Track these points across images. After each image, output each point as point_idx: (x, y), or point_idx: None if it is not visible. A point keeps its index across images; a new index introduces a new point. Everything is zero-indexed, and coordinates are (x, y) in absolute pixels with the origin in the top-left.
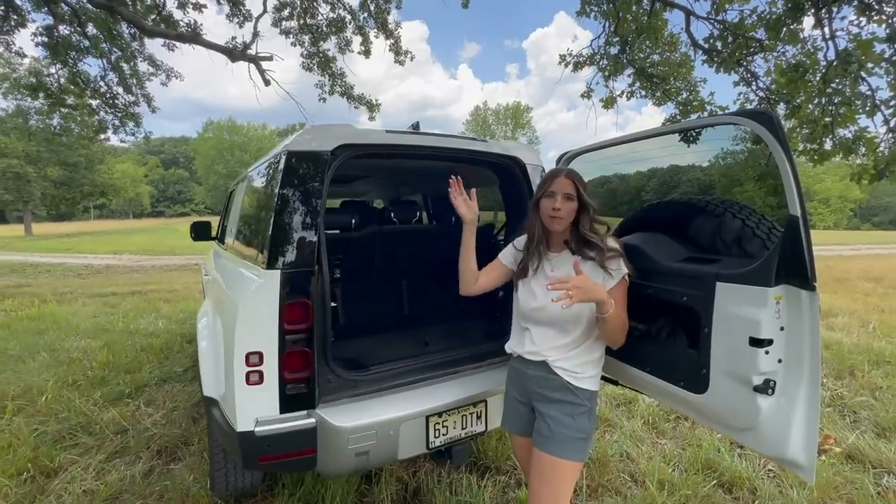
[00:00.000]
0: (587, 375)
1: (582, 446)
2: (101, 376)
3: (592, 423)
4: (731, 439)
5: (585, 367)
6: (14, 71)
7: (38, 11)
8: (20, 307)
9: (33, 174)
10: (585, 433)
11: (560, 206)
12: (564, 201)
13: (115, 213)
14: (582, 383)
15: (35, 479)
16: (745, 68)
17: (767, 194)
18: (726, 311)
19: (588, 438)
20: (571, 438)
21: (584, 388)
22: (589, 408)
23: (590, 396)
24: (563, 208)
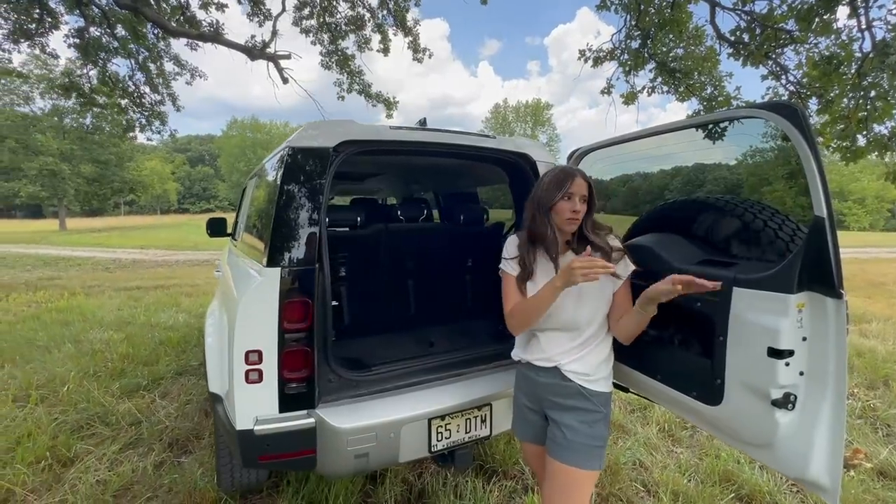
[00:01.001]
0: (600, 376)
1: (598, 454)
2: (120, 368)
3: (608, 430)
4: None
5: (598, 368)
6: (50, 72)
7: (70, 13)
8: (50, 299)
9: (67, 171)
10: (602, 440)
11: (579, 208)
12: (582, 203)
13: (143, 208)
14: (596, 385)
15: (52, 467)
16: (775, 61)
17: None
18: (743, 319)
19: (604, 446)
20: (588, 447)
21: (599, 391)
22: (605, 414)
23: (604, 401)
24: (581, 211)
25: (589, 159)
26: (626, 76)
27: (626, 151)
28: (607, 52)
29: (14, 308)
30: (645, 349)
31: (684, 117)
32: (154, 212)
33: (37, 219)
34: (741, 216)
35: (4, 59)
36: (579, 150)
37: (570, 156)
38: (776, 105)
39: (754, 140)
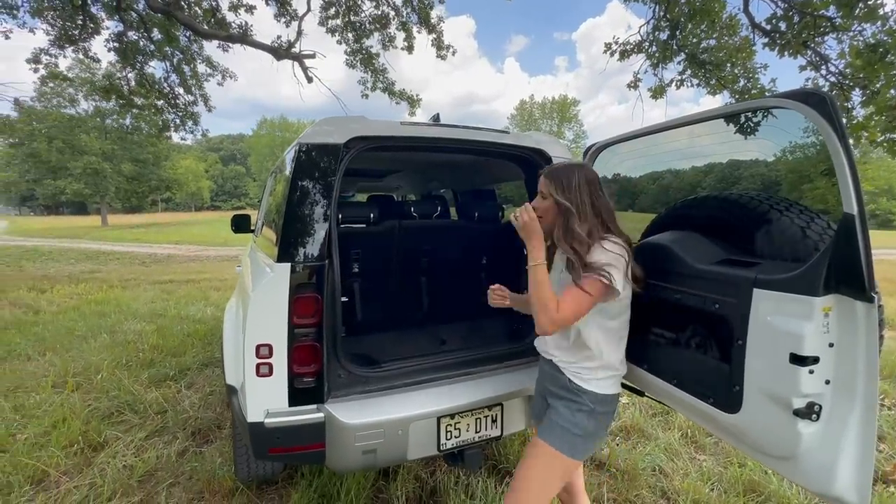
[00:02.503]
0: (594, 378)
1: (572, 441)
2: (150, 358)
3: (595, 425)
4: None
5: (591, 370)
6: (93, 75)
7: (111, 19)
8: (90, 291)
9: (109, 170)
10: (581, 430)
11: (536, 204)
12: (539, 200)
13: (179, 205)
14: (589, 385)
15: (84, 451)
16: (814, 51)
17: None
18: (764, 322)
19: (584, 436)
20: (562, 428)
21: (591, 391)
22: (593, 410)
23: (597, 400)
24: (539, 207)
25: (618, 156)
26: (654, 69)
27: (655, 148)
28: (634, 45)
29: (57, 299)
30: (661, 352)
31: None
32: (189, 209)
33: (81, 215)
34: (766, 213)
35: (52, 63)
36: (595, 146)
37: (585, 152)
38: (803, 93)
39: (794, 135)
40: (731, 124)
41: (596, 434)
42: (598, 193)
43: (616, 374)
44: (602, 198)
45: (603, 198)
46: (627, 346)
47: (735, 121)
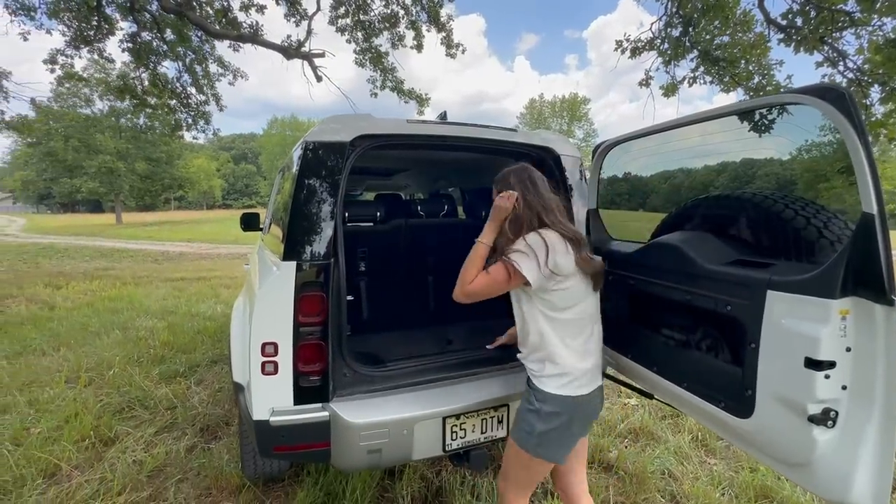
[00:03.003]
0: (542, 374)
1: (523, 436)
2: (161, 355)
3: (543, 426)
4: None
5: (539, 365)
6: (108, 76)
7: (125, 20)
8: (104, 288)
9: (123, 169)
10: (529, 427)
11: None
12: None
13: (191, 204)
14: (539, 382)
15: (95, 446)
16: (831, 46)
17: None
18: (778, 325)
19: (532, 434)
20: (517, 423)
21: (540, 389)
22: (538, 408)
23: (545, 398)
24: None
25: (629, 155)
26: (666, 66)
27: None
28: (646, 42)
29: (72, 296)
30: (670, 354)
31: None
32: (201, 207)
33: (97, 213)
34: (780, 213)
35: (68, 63)
36: (605, 144)
37: (594, 150)
38: (820, 88)
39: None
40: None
41: (547, 435)
42: (531, 191)
43: (566, 374)
44: (537, 195)
45: (538, 195)
46: (636, 348)
47: (749, 118)
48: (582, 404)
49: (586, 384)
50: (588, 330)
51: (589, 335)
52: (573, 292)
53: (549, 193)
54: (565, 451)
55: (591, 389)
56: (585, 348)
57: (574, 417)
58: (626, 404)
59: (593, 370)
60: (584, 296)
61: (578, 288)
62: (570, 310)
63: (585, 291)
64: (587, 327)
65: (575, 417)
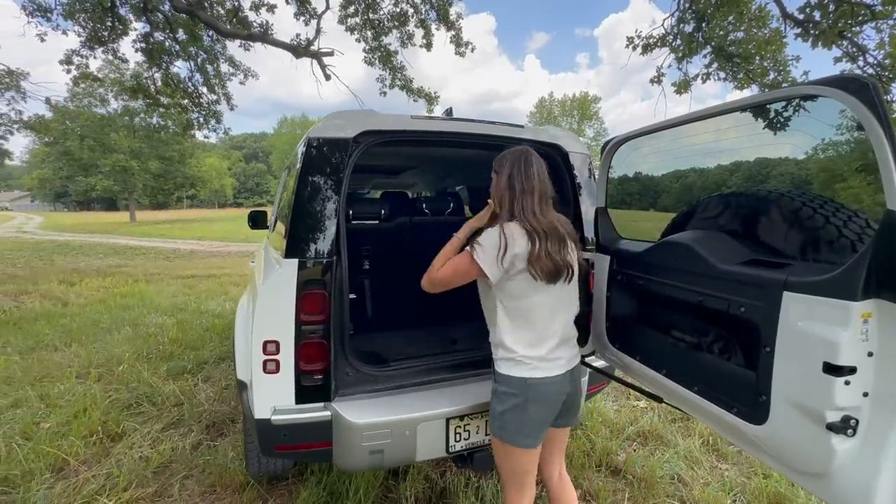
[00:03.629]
0: (497, 357)
1: (491, 417)
2: (169, 351)
3: (500, 407)
4: None
5: (495, 348)
6: (122, 76)
7: (138, 20)
8: (116, 285)
9: (136, 167)
10: (492, 409)
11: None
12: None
13: (203, 202)
14: (496, 365)
15: (102, 441)
16: (850, 41)
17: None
18: (794, 328)
19: (494, 417)
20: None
21: (497, 371)
22: (495, 389)
23: (500, 379)
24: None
25: (638, 152)
26: (679, 63)
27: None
28: (658, 38)
29: (85, 292)
30: (680, 357)
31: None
32: (212, 205)
33: (111, 211)
34: (797, 211)
35: (83, 63)
36: (613, 141)
37: (603, 147)
38: (842, 80)
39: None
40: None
41: (504, 417)
42: (521, 172)
43: (515, 358)
44: (523, 178)
45: (524, 178)
46: (645, 349)
47: (764, 115)
48: (536, 386)
49: (541, 369)
50: (544, 319)
51: (546, 324)
52: (527, 283)
53: (538, 180)
54: (529, 437)
55: (550, 375)
56: (541, 336)
57: (529, 399)
58: (636, 407)
59: (550, 357)
60: (540, 287)
61: (532, 280)
62: (524, 299)
63: (543, 283)
64: (544, 316)
65: (530, 399)
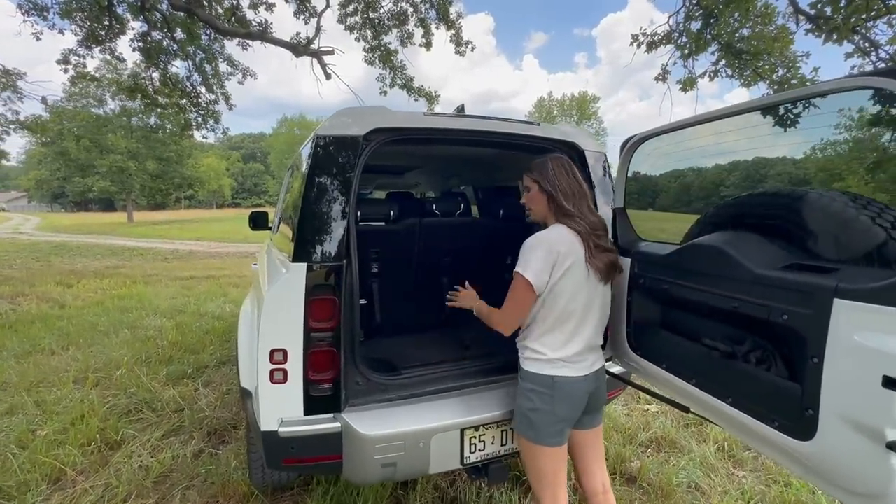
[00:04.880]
0: (525, 356)
1: (517, 417)
2: (169, 355)
3: (524, 402)
4: None
5: (523, 348)
6: (119, 76)
7: (136, 19)
8: (114, 286)
9: (134, 168)
10: (518, 407)
11: (524, 199)
12: (525, 193)
13: (201, 203)
14: (523, 363)
15: (101, 450)
16: (863, 36)
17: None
18: (847, 339)
19: (520, 414)
20: (515, 409)
21: (522, 367)
22: (521, 387)
23: (525, 376)
24: (526, 200)
25: (641, 151)
26: (685, 60)
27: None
28: (663, 36)
29: (82, 294)
30: (712, 366)
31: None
32: (211, 206)
33: (109, 211)
34: (839, 213)
35: (80, 63)
36: (635, 138)
37: (624, 144)
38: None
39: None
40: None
41: (531, 414)
42: (571, 177)
43: (544, 357)
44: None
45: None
46: (671, 357)
47: (774, 112)
48: (562, 385)
49: (568, 369)
50: (576, 320)
51: (577, 325)
52: (572, 285)
53: (577, 182)
54: (556, 435)
55: (576, 374)
56: (571, 338)
57: (556, 397)
58: (647, 411)
59: (577, 360)
60: (578, 289)
61: (572, 281)
62: (564, 301)
63: (584, 283)
64: (577, 317)
65: (557, 397)
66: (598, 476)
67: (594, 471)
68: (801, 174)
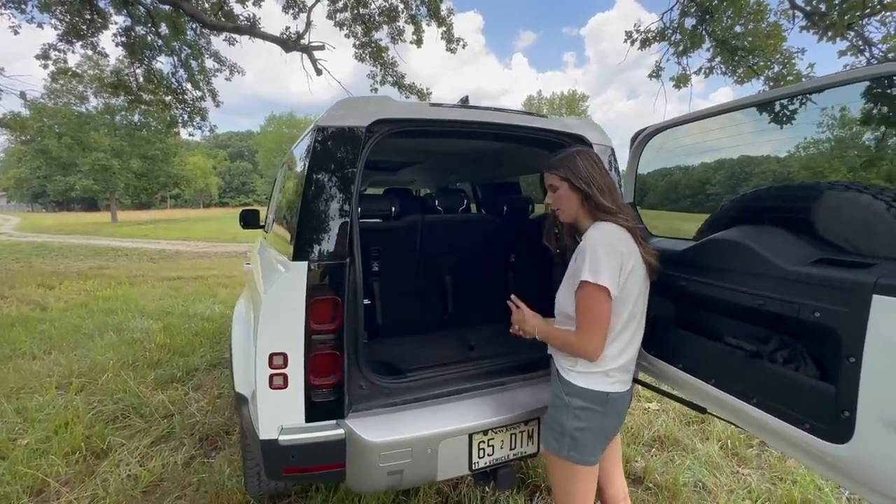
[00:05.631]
0: (572, 368)
1: (555, 437)
2: (157, 358)
3: (574, 423)
4: None
5: (571, 359)
6: (102, 72)
7: (118, 14)
8: (98, 288)
9: (118, 166)
10: (559, 426)
11: (549, 200)
12: (551, 194)
13: (188, 202)
14: (568, 376)
15: (86, 459)
16: (858, 33)
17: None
18: (889, 337)
19: (564, 434)
20: (547, 427)
21: (567, 381)
22: (567, 403)
23: (574, 393)
24: (553, 201)
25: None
26: (679, 57)
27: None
28: (657, 33)
29: (65, 296)
30: (734, 366)
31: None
32: (197, 205)
33: (92, 211)
34: (867, 206)
35: (61, 58)
36: (646, 131)
37: (633, 138)
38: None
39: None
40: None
41: (580, 434)
42: (604, 171)
43: (601, 370)
44: (603, 176)
45: (604, 175)
46: (689, 357)
47: (770, 109)
48: (615, 401)
49: (620, 382)
50: (635, 324)
51: (633, 332)
52: (632, 285)
53: (608, 176)
54: (599, 454)
55: (625, 388)
56: (628, 345)
57: (606, 414)
58: (648, 409)
59: (630, 367)
60: (640, 290)
61: (636, 282)
62: (624, 305)
63: (643, 285)
64: (636, 321)
65: (607, 414)
66: (618, 482)
67: (615, 477)
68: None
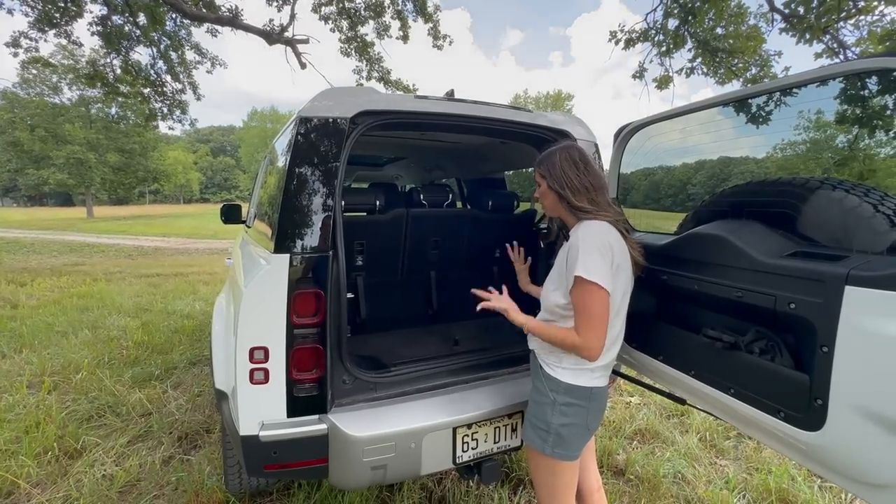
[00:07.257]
0: (558, 364)
1: (539, 434)
2: (134, 356)
3: (559, 419)
4: None
5: (556, 355)
6: (77, 63)
7: (94, 2)
8: (73, 285)
9: (94, 160)
10: (544, 424)
11: (537, 194)
12: (537, 188)
13: (168, 198)
14: (553, 372)
15: (59, 459)
16: (833, 36)
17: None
18: (860, 327)
19: (547, 430)
20: (530, 423)
21: (552, 377)
22: (552, 400)
23: (560, 389)
24: (538, 196)
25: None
26: (662, 58)
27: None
28: (640, 33)
29: (38, 293)
30: (712, 358)
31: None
32: (178, 201)
33: (67, 206)
34: (841, 200)
35: (32, 47)
36: (629, 127)
37: (616, 134)
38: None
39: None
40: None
41: (565, 430)
42: (583, 170)
43: (585, 366)
44: (590, 174)
45: (591, 174)
46: (669, 350)
47: (746, 109)
48: (598, 396)
49: (602, 377)
50: (621, 320)
51: (619, 329)
52: (621, 281)
53: (596, 173)
54: (581, 448)
55: (606, 382)
56: (614, 341)
57: (590, 409)
58: (630, 403)
59: (610, 364)
60: (626, 287)
61: (624, 279)
62: (612, 302)
63: (629, 282)
64: (622, 317)
65: (591, 409)
66: (593, 474)
67: (591, 468)
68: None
